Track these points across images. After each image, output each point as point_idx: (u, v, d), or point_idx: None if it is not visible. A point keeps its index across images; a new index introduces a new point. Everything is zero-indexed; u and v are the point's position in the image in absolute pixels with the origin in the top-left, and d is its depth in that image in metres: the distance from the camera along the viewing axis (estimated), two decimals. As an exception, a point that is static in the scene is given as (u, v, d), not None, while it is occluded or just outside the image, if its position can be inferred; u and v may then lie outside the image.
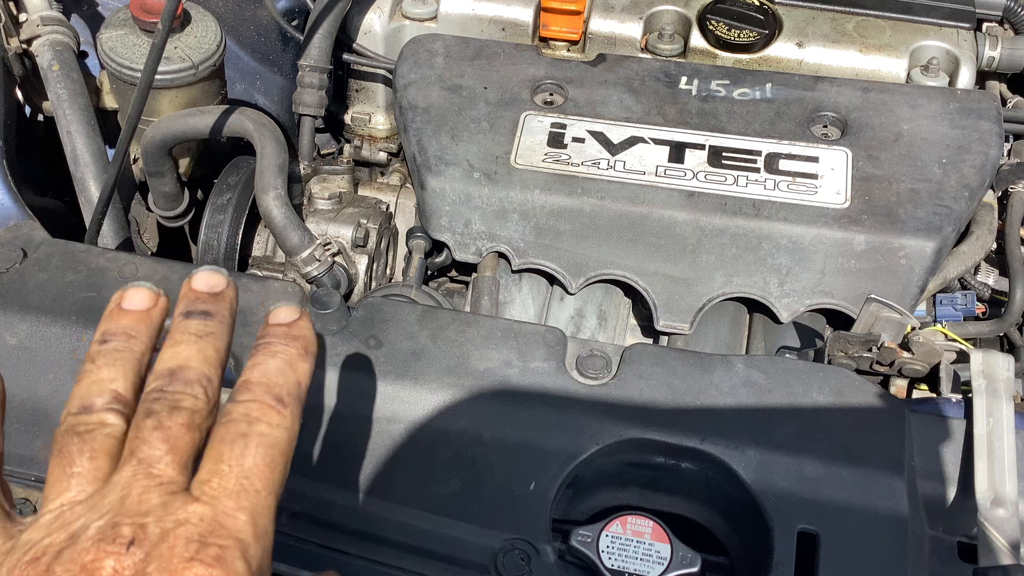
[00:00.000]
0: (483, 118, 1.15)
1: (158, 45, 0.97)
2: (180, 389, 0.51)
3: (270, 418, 0.51)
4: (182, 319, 0.54)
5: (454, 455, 0.80)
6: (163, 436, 0.49)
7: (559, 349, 0.85)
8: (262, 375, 0.52)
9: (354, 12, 1.34)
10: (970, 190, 1.08)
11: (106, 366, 0.52)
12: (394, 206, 1.27)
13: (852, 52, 1.27)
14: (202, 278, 0.56)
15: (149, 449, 0.48)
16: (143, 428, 0.49)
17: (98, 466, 0.49)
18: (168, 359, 0.52)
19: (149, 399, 0.51)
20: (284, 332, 0.55)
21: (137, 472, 0.48)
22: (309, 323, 0.57)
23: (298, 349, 0.55)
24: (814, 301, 1.07)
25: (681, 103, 1.16)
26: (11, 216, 1.00)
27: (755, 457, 0.78)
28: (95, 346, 0.54)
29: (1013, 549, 0.76)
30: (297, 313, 0.56)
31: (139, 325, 0.55)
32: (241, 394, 0.52)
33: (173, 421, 0.49)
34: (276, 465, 0.50)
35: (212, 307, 0.55)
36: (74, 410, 0.51)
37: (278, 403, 0.51)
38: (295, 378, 0.53)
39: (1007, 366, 0.85)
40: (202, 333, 0.54)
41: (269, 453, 0.50)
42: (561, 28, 1.30)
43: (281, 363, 0.53)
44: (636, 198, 1.08)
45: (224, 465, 0.48)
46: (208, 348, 0.53)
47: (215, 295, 0.56)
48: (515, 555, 0.75)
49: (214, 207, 1.14)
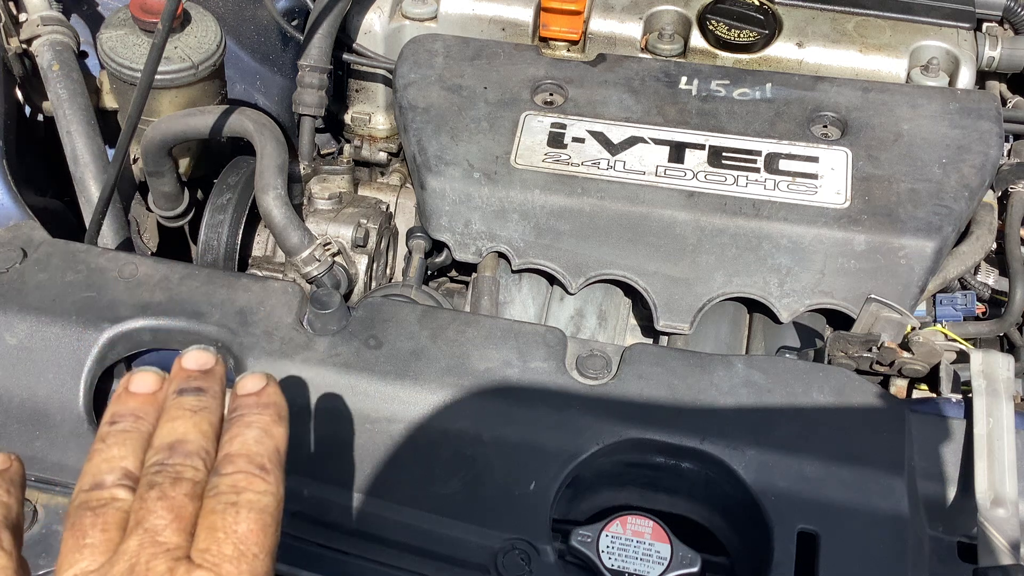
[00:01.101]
0: (483, 118, 1.15)
1: (158, 45, 0.97)
2: (180, 461, 0.54)
3: (256, 486, 0.54)
4: (176, 396, 0.58)
5: (454, 455, 0.80)
6: (167, 506, 0.52)
7: (559, 349, 0.85)
8: (242, 446, 0.56)
9: (354, 12, 1.34)
10: (970, 190, 1.08)
11: (116, 445, 0.56)
12: (394, 206, 1.27)
13: (852, 52, 1.27)
14: (192, 358, 0.61)
15: (154, 519, 0.52)
16: (148, 499, 0.52)
17: (109, 537, 0.52)
18: (167, 434, 0.56)
19: (151, 472, 0.54)
20: (255, 402, 0.59)
21: (143, 540, 0.51)
22: (276, 388, 0.60)
23: (271, 416, 0.58)
24: (814, 301, 1.07)
25: (681, 103, 1.16)
26: (11, 216, 1.00)
27: (755, 457, 0.78)
28: (105, 427, 0.58)
29: (1013, 549, 0.76)
30: (263, 381, 0.60)
31: (146, 407, 0.59)
32: (225, 467, 0.55)
33: (176, 491, 0.53)
34: (268, 528, 0.53)
35: (204, 383, 0.59)
36: (86, 487, 0.55)
37: (261, 471, 0.55)
38: (273, 445, 0.57)
39: (1007, 366, 0.85)
40: (196, 408, 0.58)
41: (260, 518, 0.53)
42: (561, 28, 1.30)
43: (258, 432, 0.57)
44: (636, 198, 1.08)
45: (220, 533, 0.51)
46: (203, 422, 0.57)
47: (206, 372, 0.60)
48: (515, 555, 0.75)
49: (214, 207, 1.14)
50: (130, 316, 0.87)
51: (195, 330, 0.86)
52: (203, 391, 0.59)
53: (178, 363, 0.61)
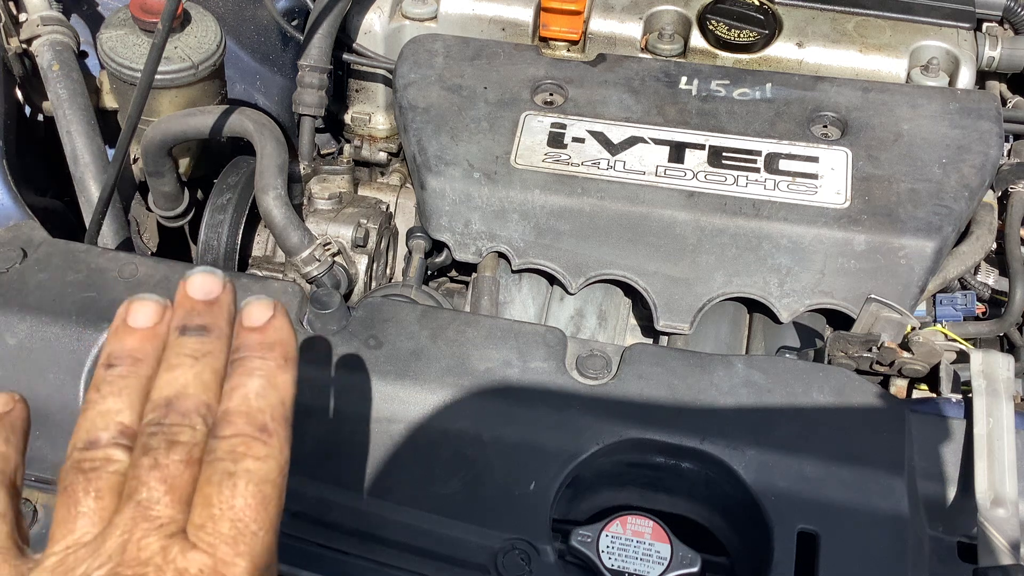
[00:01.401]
0: (483, 118, 1.15)
1: (158, 45, 0.97)
2: (177, 421, 0.50)
3: (256, 451, 0.49)
4: (178, 336, 0.53)
5: (454, 455, 0.80)
6: (160, 476, 0.48)
7: (559, 349, 0.85)
8: (242, 402, 0.50)
9: (354, 12, 1.34)
10: (970, 190, 1.08)
11: (112, 395, 0.52)
12: (394, 206, 1.27)
13: (852, 52, 1.27)
14: (197, 283, 0.54)
15: (147, 491, 0.48)
16: (140, 467, 0.48)
17: (103, 505, 0.49)
18: (165, 385, 0.51)
19: (146, 433, 0.49)
20: (258, 341, 0.53)
21: (136, 515, 0.47)
22: (283, 320, 0.54)
23: (276, 360, 0.52)
24: (814, 301, 1.07)
25: (681, 103, 1.16)
26: (11, 216, 1.00)
27: (755, 457, 0.78)
28: (100, 371, 0.53)
29: (1013, 549, 0.76)
30: (269, 310, 0.54)
31: (145, 345, 0.53)
32: (223, 428, 0.50)
33: (170, 459, 0.48)
34: (269, 500, 0.49)
35: (208, 319, 0.53)
36: (80, 444, 0.50)
37: (262, 432, 0.50)
38: (277, 397, 0.51)
39: (1007, 366, 0.85)
40: (199, 354, 0.52)
41: (259, 490, 0.48)
42: (561, 28, 1.30)
43: (260, 383, 0.51)
44: (636, 198, 1.08)
45: (215, 509, 0.47)
46: (205, 371, 0.51)
47: (211, 303, 0.53)
48: (515, 555, 0.75)
49: (214, 207, 1.14)
50: (130, 316, 0.86)
51: (195, 330, 0.86)
52: (207, 330, 0.52)
53: (182, 288, 0.54)
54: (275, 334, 0.53)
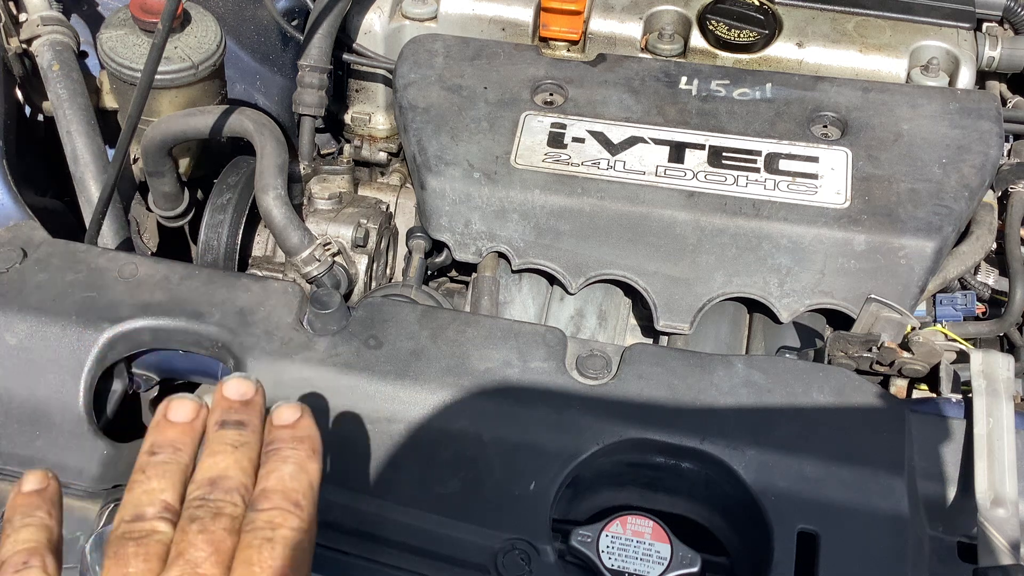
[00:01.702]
0: (483, 118, 1.15)
1: (158, 45, 0.97)
2: (221, 497, 0.57)
3: (291, 523, 0.56)
4: (218, 428, 0.61)
5: (454, 455, 0.80)
6: (207, 539, 0.54)
7: (559, 349, 0.85)
8: (278, 482, 0.58)
9: (354, 12, 1.34)
10: (970, 190, 1.08)
11: (156, 477, 0.58)
12: (394, 206, 1.27)
13: (852, 52, 1.27)
14: (233, 387, 0.63)
15: (195, 551, 0.54)
16: (189, 532, 0.55)
17: (150, 567, 0.54)
18: (209, 468, 0.58)
19: (193, 506, 0.56)
20: (290, 435, 0.61)
21: (184, 571, 0.53)
22: (311, 421, 0.63)
23: (306, 451, 0.61)
24: (814, 301, 1.07)
25: (681, 103, 1.16)
26: (11, 216, 1.00)
27: (755, 457, 0.78)
28: (144, 457, 0.60)
29: (1013, 549, 0.76)
30: (299, 412, 0.63)
31: (184, 437, 0.61)
32: (262, 503, 0.57)
33: (216, 526, 0.55)
34: (300, 563, 0.56)
35: (245, 416, 0.61)
36: (128, 518, 0.57)
37: (296, 508, 0.57)
38: (307, 480, 0.59)
39: (1007, 366, 0.85)
40: (237, 443, 0.60)
41: (293, 554, 0.55)
42: (561, 28, 1.30)
43: (293, 468, 0.59)
44: (636, 198, 1.08)
45: (256, 568, 0.54)
46: (243, 458, 0.59)
47: (246, 403, 0.62)
48: (515, 555, 0.75)
49: (214, 207, 1.14)
50: (130, 316, 0.87)
51: (195, 330, 0.86)
52: (244, 425, 0.61)
53: (220, 391, 0.63)
54: (304, 430, 0.62)
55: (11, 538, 0.58)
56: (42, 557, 0.57)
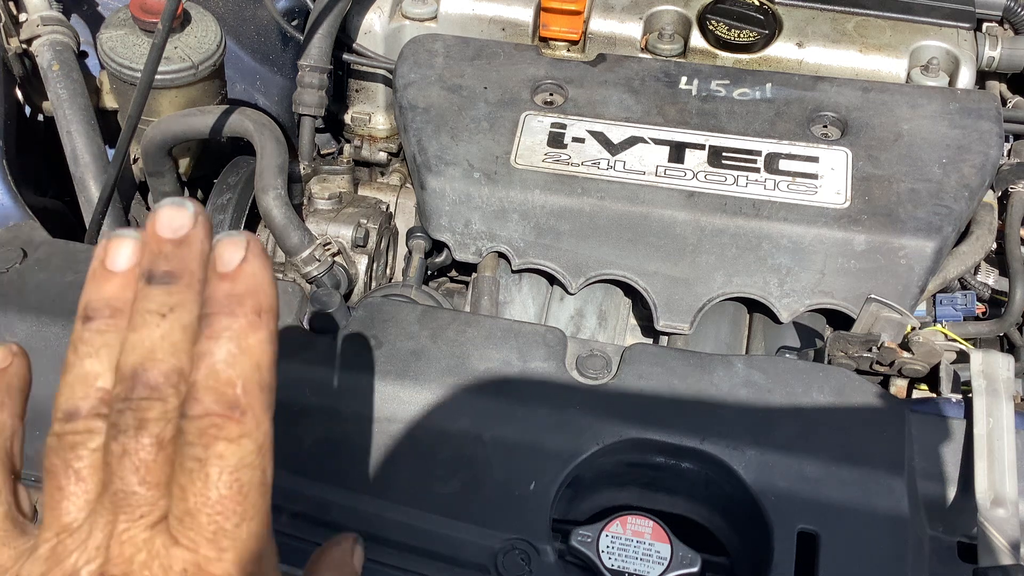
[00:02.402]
0: (483, 118, 1.15)
1: (158, 45, 0.97)
2: (145, 395, 0.43)
3: (228, 432, 0.42)
4: (144, 286, 0.45)
5: (454, 455, 0.80)
6: (132, 465, 0.43)
7: (559, 349, 0.85)
8: (209, 373, 0.43)
9: (354, 12, 1.34)
10: (970, 190, 1.08)
11: (88, 356, 0.46)
12: (394, 206, 1.27)
13: (852, 52, 1.27)
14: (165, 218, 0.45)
15: (120, 482, 0.43)
16: (112, 455, 0.43)
17: (86, 488, 0.44)
18: (130, 350, 0.44)
19: (115, 410, 0.44)
20: (227, 292, 0.44)
21: (115, 506, 0.43)
22: (258, 264, 0.45)
23: (247, 316, 0.44)
24: (814, 301, 1.07)
25: (681, 103, 1.16)
26: (11, 216, 1.00)
27: (755, 457, 0.78)
28: (77, 326, 0.46)
29: (1013, 549, 0.76)
30: (240, 249, 0.44)
31: (126, 292, 0.46)
32: (191, 405, 0.43)
33: (140, 443, 0.43)
34: (248, 486, 0.43)
35: (176, 264, 0.44)
36: (59, 415, 0.45)
37: (233, 410, 0.43)
38: (250, 363, 0.43)
39: (1007, 366, 0.85)
40: (166, 308, 0.44)
41: (235, 477, 0.42)
42: (561, 28, 1.30)
43: (228, 348, 0.43)
44: (636, 198, 1.08)
45: (191, 502, 0.42)
46: (175, 329, 0.44)
47: (179, 242, 0.45)
48: (515, 555, 0.75)
49: (214, 207, 1.14)
50: (130, 316, 0.86)
51: (195, 330, 0.86)
52: (175, 277, 0.44)
53: (149, 225, 0.45)
54: (246, 282, 0.44)
55: None
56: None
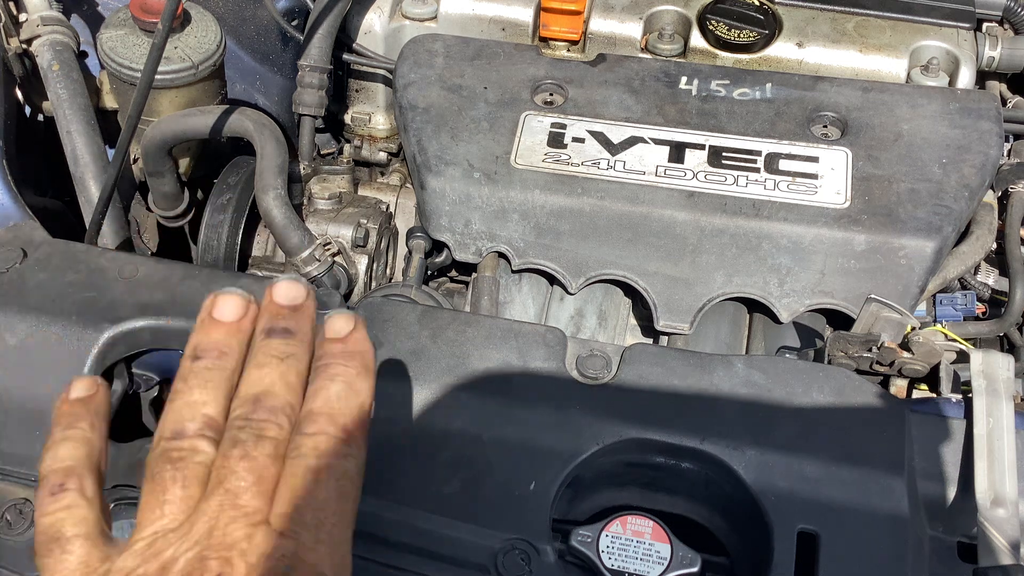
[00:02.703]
0: (483, 118, 1.15)
1: (158, 45, 0.97)
2: (265, 417, 0.52)
3: (337, 449, 0.52)
4: (264, 337, 0.55)
5: (454, 455, 0.80)
6: (249, 467, 0.50)
7: (559, 349, 0.85)
8: (324, 404, 0.53)
9: (354, 12, 1.34)
10: (970, 190, 1.08)
11: (198, 387, 0.54)
12: (394, 206, 1.27)
13: (852, 52, 1.27)
14: (283, 291, 0.57)
15: (235, 480, 0.50)
16: (231, 457, 0.51)
17: (189, 494, 0.51)
18: (253, 383, 0.54)
19: (235, 426, 0.52)
20: (340, 350, 0.56)
21: (224, 503, 0.49)
22: (363, 334, 0.57)
23: (357, 368, 0.55)
24: (814, 301, 1.07)
25: (681, 103, 1.16)
26: (11, 216, 1.00)
27: (755, 457, 0.78)
28: (187, 362, 0.55)
29: (1013, 549, 0.76)
30: (352, 323, 0.57)
31: (230, 340, 0.56)
32: (307, 426, 0.52)
33: (259, 451, 0.51)
34: (347, 496, 0.52)
35: (293, 323, 0.56)
36: (167, 434, 0.52)
37: (343, 432, 0.53)
38: (357, 402, 0.54)
39: (1007, 366, 0.85)
40: (284, 355, 0.55)
41: (340, 484, 0.51)
42: (561, 28, 1.30)
43: (342, 387, 0.54)
44: (636, 198, 1.08)
45: (299, 499, 0.50)
46: (290, 372, 0.54)
47: (296, 308, 0.57)
48: (515, 555, 0.75)
49: (214, 207, 1.14)
50: (130, 316, 0.87)
51: (195, 330, 0.86)
52: (291, 333, 0.56)
53: (268, 295, 0.57)
54: (356, 345, 0.56)
55: (50, 452, 0.54)
56: (79, 478, 0.53)
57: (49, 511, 0.52)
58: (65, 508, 0.52)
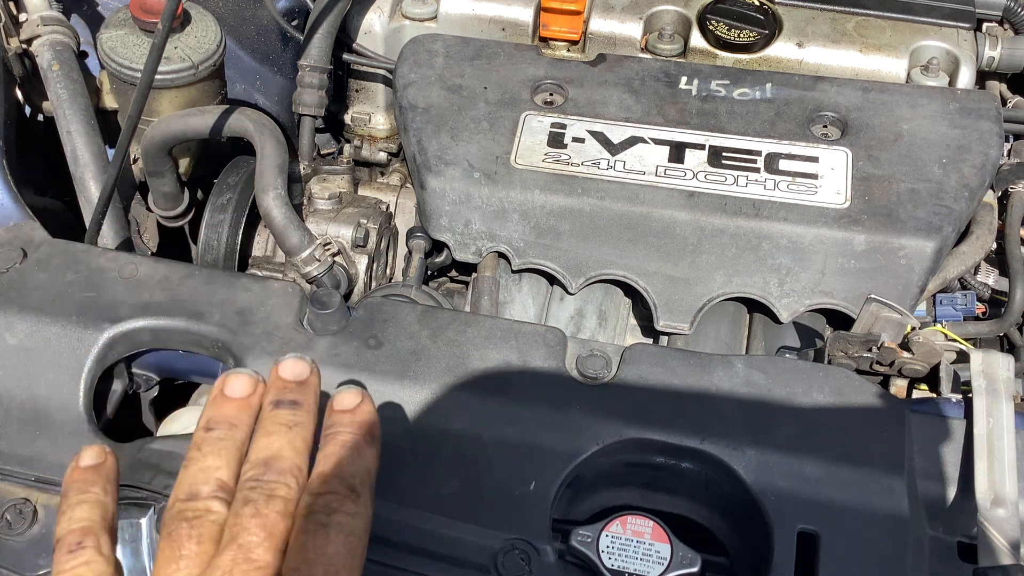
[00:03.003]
0: (483, 118, 1.15)
1: (158, 45, 0.97)
2: (275, 479, 0.56)
3: (346, 508, 0.55)
4: (272, 408, 0.60)
5: (454, 455, 0.80)
6: (260, 523, 0.53)
7: (559, 349, 0.85)
8: (335, 467, 0.57)
9: (354, 12, 1.34)
10: (970, 190, 1.08)
11: (211, 454, 0.58)
12: (394, 206, 1.27)
13: (852, 52, 1.27)
14: (289, 368, 0.62)
15: (248, 536, 0.53)
16: (242, 515, 0.54)
17: (204, 549, 0.54)
18: (263, 448, 0.58)
19: (246, 487, 0.56)
20: (349, 420, 0.60)
21: (237, 556, 0.52)
22: (371, 407, 0.62)
23: (364, 436, 0.60)
24: (814, 301, 1.07)
25: (681, 103, 1.16)
26: (11, 216, 1.00)
27: (755, 457, 0.78)
28: (200, 433, 0.59)
29: (1013, 549, 0.76)
30: (359, 397, 0.62)
31: (241, 414, 0.60)
32: (318, 487, 0.56)
33: (270, 509, 0.54)
34: (355, 551, 0.54)
35: (299, 396, 0.61)
36: (182, 496, 0.56)
37: (352, 493, 0.56)
38: (365, 466, 0.59)
39: (1007, 366, 0.85)
40: (292, 424, 0.59)
41: (348, 541, 0.54)
42: (561, 28, 1.30)
43: (351, 453, 0.58)
44: (636, 198, 1.08)
45: (310, 554, 0.53)
46: (297, 439, 0.58)
47: (301, 383, 0.62)
48: (515, 555, 0.75)
49: (214, 207, 1.14)
50: (130, 316, 0.87)
51: (195, 330, 0.86)
52: (298, 405, 0.60)
53: (275, 371, 0.62)
54: (363, 416, 0.61)
55: (66, 515, 0.57)
56: (96, 537, 0.56)
57: (67, 568, 0.55)
58: (84, 564, 0.55)
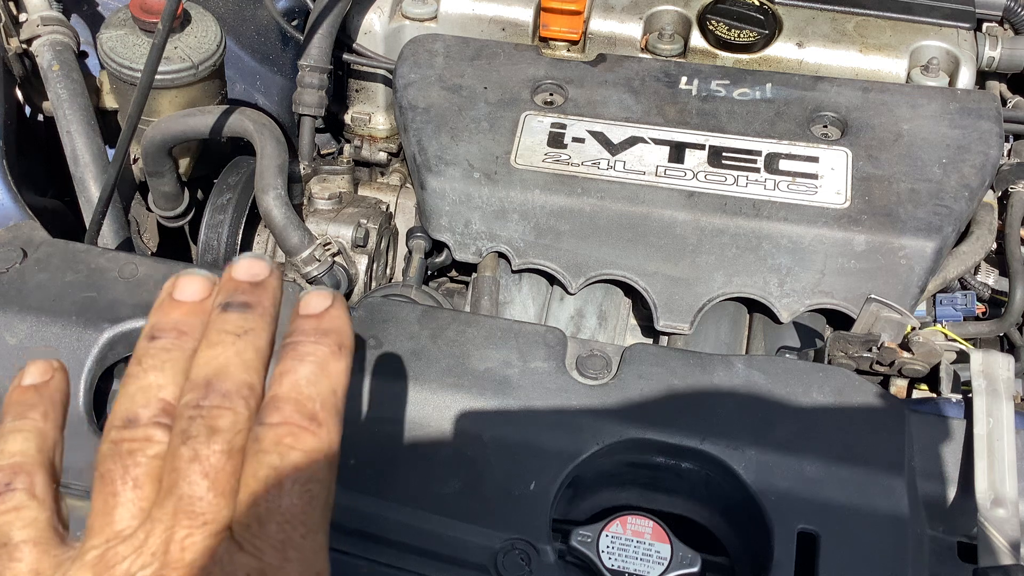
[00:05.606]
0: (483, 118, 1.15)
1: (158, 45, 0.97)
2: (217, 403, 0.46)
3: (304, 443, 0.46)
4: (219, 312, 0.49)
5: (454, 455, 0.80)
6: (202, 469, 0.45)
7: (559, 349, 0.85)
8: (291, 388, 0.47)
9: (354, 12, 1.34)
10: (970, 190, 1.08)
11: (153, 369, 0.48)
12: (394, 206, 1.27)
13: (852, 52, 1.27)
14: (243, 266, 0.51)
15: (188, 486, 0.44)
16: (180, 459, 0.45)
17: (143, 495, 0.46)
18: (204, 363, 0.47)
19: (184, 417, 0.46)
20: (314, 327, 0.49)
21: (178, 510, 0.44)
22: (341, 311, 0.50)
23: (330, 347, 0.49)
24: (814, 301, 1.07)
25: (681, 103, 1.16)
26: (11, 216, 1.00)
27: (755, 457, 0.78)
28: (143, 343, 0.50)
29: (1013, 549, 0.76)
30: (328, 300, 0.50)
31: (191, 319, 0.50)
32: (270, 414, 0.46)
33: (211, 449, 0.45)
34: (316, 499, 0.45)
35: (252, 298, 0.49)
36: (118, 422, 0.47)
37: (311, 422, 0.46)
38: (329, 385, 0.48)
39: (1007, 366, 0.85)
40: (241, 331, 0.48)
41: (307, 489, 0.45)
42: (561, 28, 1.30)
43: (312, 369, 0.48)
44: (636, 198, 1.08)
45: (261, 508, 0.44)
46: (247, 349, 0.48)
47: (256, 284, 0.50)
48: (515, 555, 0.75)
49: (214, 207, 1.14)
50: (130, 316, 0.87)
51: (195, 330, 0.86)
52: (250, 307, 0.49)
53: (227, 272, 0.51)
54: (332, 322, 0.50)
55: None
56: (29, 475, 0.48)
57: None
58: (13, 510, 0.47)
